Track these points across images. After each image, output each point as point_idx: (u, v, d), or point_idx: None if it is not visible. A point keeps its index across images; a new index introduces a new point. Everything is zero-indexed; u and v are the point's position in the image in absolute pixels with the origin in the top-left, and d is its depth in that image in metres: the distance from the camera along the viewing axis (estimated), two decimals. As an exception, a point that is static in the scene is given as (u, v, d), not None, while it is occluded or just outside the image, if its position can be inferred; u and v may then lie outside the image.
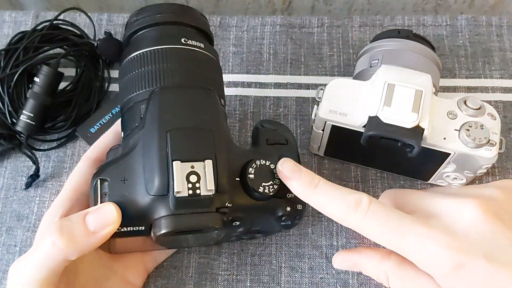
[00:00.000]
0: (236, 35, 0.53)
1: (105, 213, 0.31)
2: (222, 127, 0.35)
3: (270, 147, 0.37)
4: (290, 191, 0.35)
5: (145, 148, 0.33)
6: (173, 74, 0.36)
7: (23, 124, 0.45)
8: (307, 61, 0.51)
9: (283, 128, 0.39)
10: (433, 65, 0.42)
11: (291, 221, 0.37)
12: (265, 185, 0.34)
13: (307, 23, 0.53)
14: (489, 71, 0.50)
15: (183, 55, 0.37)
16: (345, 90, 0.40)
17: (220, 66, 0.40)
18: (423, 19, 0.53)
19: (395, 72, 0.39)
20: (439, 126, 0.38)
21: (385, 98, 0.37)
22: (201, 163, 0.32)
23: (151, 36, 0.39)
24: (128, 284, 0.40)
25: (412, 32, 0.43)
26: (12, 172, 0.47)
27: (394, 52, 0.42)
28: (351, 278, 0.42)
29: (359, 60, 0.45)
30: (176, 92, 0.35)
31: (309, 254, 0.43)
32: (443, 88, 0.49)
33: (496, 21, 0.52)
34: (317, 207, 0.33)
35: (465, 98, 0.39)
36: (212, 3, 0.65)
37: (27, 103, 0.45)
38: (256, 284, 0.42)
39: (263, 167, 0.35)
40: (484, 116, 0.38)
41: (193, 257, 0.43)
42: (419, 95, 0.37)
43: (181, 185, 0.31)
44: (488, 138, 0.37)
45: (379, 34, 0.45)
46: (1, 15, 0.54)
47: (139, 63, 0.37)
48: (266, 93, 0.50)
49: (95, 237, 0.31)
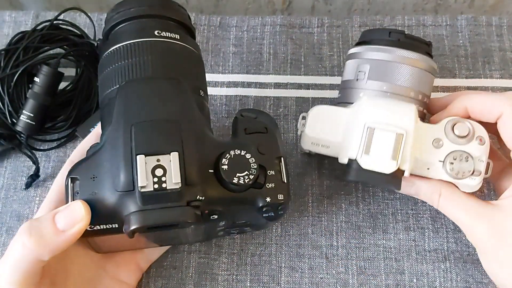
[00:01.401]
0: (236, 35, 0.53)
1: (73, 210, 0.31)
2: (192, 118, 0.34)
3: (249, 136, 0.36)
4: (270, 181, 0.34)
5: (112, 144, 0.32)
6: (141, 67, 0.35)
7: (23, 124, 0.45)
8: (307, 61, 0.51)
9: (264, 116, 0.38)
10: (425, 73, 0.40)
11: (273, 212, 0.35)
12: (239, 175, 0.33)
13: (307, 23, 0.53)
14: (489, 71, 0.50)
15: (155, 47, 0.37)
16: (327, 119, 0.39)
17: (200, 58, 0.39)
18: (423, 19, 0.53)
19: (376, 109, 0.37)
20: (423, 157, 0.37)
21: (365, 144, 0.36)
22: (167, 156, 0.31)
23: (125, 31, 0.38)
24: (121, 284, 0.39)
25: (404, 34, 0.40)
26: (12, 172, 0.47)
27: (382, 65, 0.39)
28: (351, 278, 0.42)
29: (347, 62, 0.42)
30: (141, 85, 0.34)
31: (309, 254, 0.43)
32: (443, 88, 0.49)
33: (496, 21, 0.52)
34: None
35: (453, 122, 0.37)
36: (212, 3, 0.65)
37: (27, 103, 0.45)
38: (256, 284, 0.42)
39: (238, 158, 0.33)
40: (472, 143, 0.37)
41: (193, 257, 0.43)
42: (399, 140, 0.36)
43: (145, 180, 0.30)
44: (473, 169, 0.37)
45: (369, 31, 0.42)
46: (1, 15, 0.54)
47: (113, 59, 0.37)
48: (266, 93, 0.50)
49: (65, 235, 0.31)
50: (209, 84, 0.50)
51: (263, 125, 0.36)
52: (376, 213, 0.44)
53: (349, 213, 0.44)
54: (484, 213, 0.37)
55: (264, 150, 0.35)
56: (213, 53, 0.52)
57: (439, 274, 0.42)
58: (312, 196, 0.45)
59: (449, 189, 0.38)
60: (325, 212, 0.45)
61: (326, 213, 0.45)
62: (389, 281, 0.42)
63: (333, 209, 0.45)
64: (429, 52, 0.41)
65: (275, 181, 0.34)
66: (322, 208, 0.45)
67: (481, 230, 0.37)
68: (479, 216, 0.37)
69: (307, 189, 0.45)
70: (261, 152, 0.35)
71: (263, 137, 0.36)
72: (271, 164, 0.35)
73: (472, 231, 0.37)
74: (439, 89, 0.49)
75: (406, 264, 0.43)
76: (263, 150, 0.35)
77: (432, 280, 0.42)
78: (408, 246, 0.43)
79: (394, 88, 0.38)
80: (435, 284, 0.42)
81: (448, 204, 0.38)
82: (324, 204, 0.45)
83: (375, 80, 0.39)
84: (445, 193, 0.38)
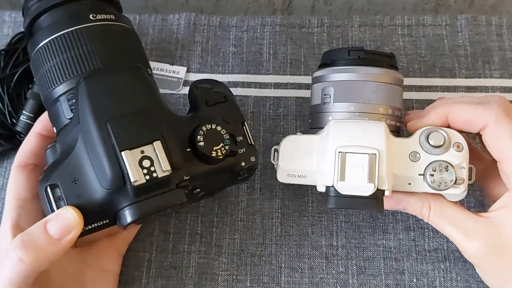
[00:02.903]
0: (236, 35, 0.53)
1: (66, 217, 0.31)
2: (158, 102, 0.34)
3: (211, 108, 0.37)
4: (241, 147, 0.36)
5: (88, 144, 0.32)
6: (92, 57, 0.34)
7: (23, 125, 0.45)
8: (307, 61, 0.51)
9: (218, 85, 0.39)
10: (391, 86, 0.39)
11: (247, 174, 0.38)
12: (216, 148, 0.34)
13: (307, 23, 0.53)
14: (489, 71, 0.50)
15: (96, 33, 0.35)
16: (299, 149, 0.38)
17: (135, 33, 0.38)
18: (423, 19, 0.53)
19: (345, 132, 0.36)
20: (402, 173, 0.36)
21: (339, 171, 0.35)
22: (150, 146, 0.31)
23: (56, 19, 0.36)
24: (105, 273, 0.40)
25: (364, 51, 0.39)
26: (12, 173, 0.47)
27: (346, 85, 0.38)
28: (351, 278, 0.42)
29: (313, 87, 0.41)
30: (103, 79, 0.34)
31: (309, 254, 0.43)
32: (443, 88, 0.49)
33: (496, 21, 0.52)
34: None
35: (427, 132, 0.36)
36: (212, 3, 0.65)
37: (27, 103, 0.46)
38: (256, 284, 0.42)
39: (211, 132, 0.35)
40: (449, 151, 0.36)
41: (193, 257, 0.43)
42: (373, 160, 0.35)
43: (137, 174, 0.30)
44: (455, 178, 0.35)
45: (329, 52, 0.41)
46: (1, 15, 0.54)
47: (52, 52, 0.35)
48: (266, 93, 0.50)
49: (61, 243, 0.31)
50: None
51: (221, 94, 0.38)
52: (376, 213, 0.44)
53: (349, 213, 0.44)
54: (477, 229, 0.35)
55: (229, 118, 0.37)
56: (213, 53, 0.52)
57: (439, 274, 0.42)
58: (312, 196, 0.45)
59: (438, 202, 0.37)
60: (325, 212, 0.45)
61: (326, 213, 0.45)
62: (389, 281, 0.42)
63: (333, 210, 0.45)
64: (393, 64, 0.40)
65: (245, 146, 0.37)
66: (322, 208, 0.45)
67: (475, 248, 0.35)
68: (472, 233, 0.35)
69: (307, 189, 0.45)
70: (226, 121, 0.37)
71: (224, 106, 0.37)
72: (238, 130, 0.37)
73: (466, 248, 0.36)
74: (439, 89, 0.49)
75: (406, 264, 0.43)
76: (228, 119, 0.37)
77: (432, 280, 0.42)
78: (408, 246, 0.43)
79: (362, 107, 0.38)
80: (435, 284, 0.42)
81: (439, 220, 0.37)
82: (324, 204, 0.45)
83: (341, 101, 0.38)
84: (435, 207, 0.37)
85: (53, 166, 0.33)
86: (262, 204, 0.45)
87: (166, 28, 0.53)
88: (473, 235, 0.35)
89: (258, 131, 0.48)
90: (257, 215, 0.45)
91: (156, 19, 0.53)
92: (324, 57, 0.41)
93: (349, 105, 0.38)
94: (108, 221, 0.33)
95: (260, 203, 0.45)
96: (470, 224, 0.36)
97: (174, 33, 0.52)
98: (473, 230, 0.36)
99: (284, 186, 0.45)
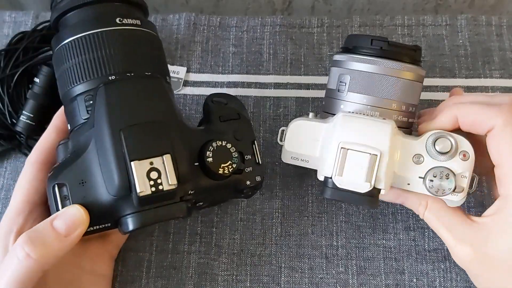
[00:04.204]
0: (236, 35, 0.53)
1: (73, 215, 0.32)
2: (174, 114, 0.35)
3: (224, 124, 0.37)
4: (248, 165, 0.36)
5: (100, 149, 0.32)
6: (113, 62, 0.35)
7: (23, 125, 0.45)
8: (307, 61, 0.51)
9: (234, 101, 0.39)
10: (411, 83, 0.38)
11: (251, 192, 0.38)
12: (224, 166, 0.35)
13: (307, 23, 0.53)
14: (489, 71, 0.50)
15: (122, 37, 0.35)
16: (306, 134, 0.38)
17: (159, 39, 0.39)
18: (423, 19, 0.53)
19: (351, 128, 0.36)
20: (402, 173, 0.36)
21: (338, 165, 0.35)
22: (159, 158, 0.31)
23: (83, 18, 0.36)
24: (99, 277, 0.40)
25: (388, 42, 0.37)
26: (12, 173, 0.47)
27: (363, 76, 0.37)
28: (351, 278, 0.42)
29: (332, 69, 0.40)
30: (122, 86, 0.34)
31: (309, 254, 0.43)
32: (443, 87, 0.49)
33: (496, 21, 0.52)
34: None
35: (435, 136, 0.36)
36: (212, 3, 0.65)
37: (27, 103, 0.46)
38: (256, 284, 0.42)
39: (220, 148, 0.35)
40: (454, 159, 0.35)
41: (193, 258, 0.43)
42: (373, 161, 0.35)
43: (143, 186, 0.31)
44: (454, 187, 0.35)
45: (353, 37, 0.41)
46: (1, 15, 0.54)
47: (75, 51, 0.35)
48: (266, 93, 0.50)
49: (68, 240, 0.32)
50: (209, 84, 0.50)
51: (235, 111, 0.38)
52: (376, 213, 0.44)
53: (349, 213, 0.44)
54: (468, 235, 0.35)
55: (240, 136, 0.37)
56: (213, 53, 0.52)
57: (439, 274, 0.42)
58: (312, 196, 0.45)
59: (435, 203, 0.37)
60: (325, 212, 0.45)
61: (326, 213, 0.45)
62: (389, 281, 0.42)
63: (333, 209, 0.45)
64: (417, 59, 0.38)
65: (252, 165, 0.37)
66: (322, 208, 0.45)
67: (464, 253, 0.35)
68: (462, 238, 0.36)
69: (307, 189, 0.45)
70: (237, 138, 0.37)
71: (237, 124, 0.37)
72: (247, 148, 0.37)
73: (456, 253, 0.36)
74: (439, 89, 0.49)
75: (406, 264, 0.43)
76: (238, 136, 0.37)
77: (432, 280, 0.42)
78: (408, 246, 0.43)
79: (375, 101, 0.37)
80: (435, 284, 0.42)
81: (432, 219, 0.37)
82: (324, 204, 0.45)
83: (355, 92, 0.38)
84: (431, 207, 0.37)
85: (63, 165, 0.33)
86: (262, 204, 0.45)
87: (166, 28, 0.53)
88: (463, 240, 0.35)
89: (258, 131, 0.48)
90: (257, 215, 0.45)
91: (156, 19, 0.53)
92: (347, 41, 0.40)
93: (363, 97, 0.37)
94: (110, 225, 0.33)
95: (260, 203, 0.45)
96: (462, 229, 0.36)
97: (174, 33, 0.52)
98: (464, 235, 0.36)
99: (284, 186, 0.46)
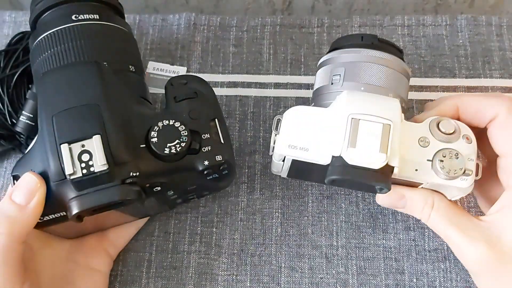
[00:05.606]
0: (236, 35, 0.53)
1: (27, 182, 0.32)
2: (115, 97, 0.34)
3: (178, 104, 0.36)
4: (206, 144, 0.34)
5: (40, 137, 0.33)
6: (60, 55, 0.36)
7: (22, 125, 0.45)
8: (307, 61, 0.51)
9: (195, 81, 0.38)
10: (401, 75, 0.38)
11: (218, 174, 0.36)
12: (170, 145, 0.33)
13: (307, 23, 0.53)
14: (489, 71, 0.50)
15: (73, 32, 0.37)
16: (305, 120, 0.35)
17: (128, 33, 0.39)
18: (423, 19, 0.53)
19: (359, 101, 0.35)
20: (410, 157, 0.35)
21: (350, 137, 0.33)
22: (91, 140, 0.31)
23: (45, 21, 0.38)
24: (94, 272, 0.40)
25: (377, 38, 0.38)
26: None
27: (357, 66, 0.37)
28: (351, 278, 0.42)
29: (319, 71, 0.40)
30: (56, 74, 0.35)
31: (309, 254, 0.43)
32: (443, 88, 0.49)
33: (496, 21, 0.52)
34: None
35: (437, 120, 0.35)
36: (212, 3, 0.65)
37: (26, 104, 0.45)
38: (256, 284, 0.42)
39: (167, 128, 0.34)
40: (459, 141, 0.35)
41: (193, 258, 0.43)
42: (387, 131, 0.33)
43: (71, 167, 0.31)
44: (464, 168, 0.34)
45: (341, 38, 0.40)
46: (1, 15, 0.54)
47: (39, 51, 0.37)
48: (266, 93, 0.50)
49: (30, 208, 0.32)
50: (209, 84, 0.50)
51: (192, 90, 0.36)
52: (376, 213, 0.44)
53: (349, 213, 0.44)
54: (480, 234, 0.34)
55: (196, 115, 0.35)
56: (213, 53, 0.52)
57: (439, 274, 0.42)
58: (312, 196, 0.45)
59: (443, 202, 0.36)
60: (325, 212, 0.45)
61: (326, 213, 0.45)
62: (389, 281, 0.42)
63: (333, 209, 0.45)
64: (402, 58, 0.39)
65: (211, 144, 0.35)
66: (322, 208, 0.45)
67: (478, 253, 0.34)
68: (475, 237, 0.34)
69: (307, 189, 0.45)
70: (192, 117, 0.35)
71: (193, 102, 0.36)
72: (205, 127, 0.35)
73: (467, 253, 0.35)
74: (439, 89, 0.49)
75: (406, 264, 0.43)
76: (194, 115, 0.35)
77: (432, 280, 0.42)
78: (408, 246, 0.43)
79: (372, 89, 0.36)
80: (435, 284, 0.42)
81: (440, 219, 0.35)
82: (324, 204, 0.45)
83: (351, 81, 0.37)
84: (439, 206, 0.36)
85: (21, 158, 0.35)
86: (262, 204, 0.45)
87: (166, 28, 0.53)
88: (476, 239, 0.34)
89: (258, 131, 0.48)
90: (257, 215, 0.45)
91: (156, 19, 0.53)
92: (334, 44, 0.40)
93: (359, 85, 0.36)
94: (64, 214, 0.33)
95: (260, 203, 0.45)
96: (474, 227, 0.34)
97: (174, 33, 0.52)
98: (476, 234, 0.34)
99: (284, 186, 0.45)
